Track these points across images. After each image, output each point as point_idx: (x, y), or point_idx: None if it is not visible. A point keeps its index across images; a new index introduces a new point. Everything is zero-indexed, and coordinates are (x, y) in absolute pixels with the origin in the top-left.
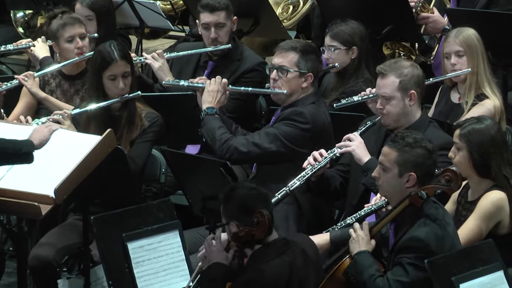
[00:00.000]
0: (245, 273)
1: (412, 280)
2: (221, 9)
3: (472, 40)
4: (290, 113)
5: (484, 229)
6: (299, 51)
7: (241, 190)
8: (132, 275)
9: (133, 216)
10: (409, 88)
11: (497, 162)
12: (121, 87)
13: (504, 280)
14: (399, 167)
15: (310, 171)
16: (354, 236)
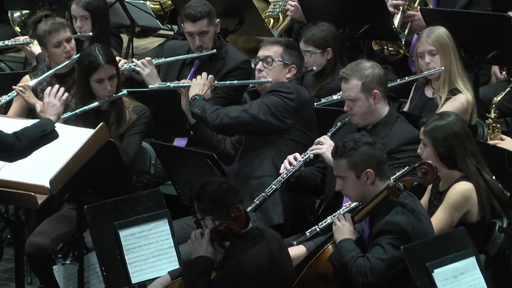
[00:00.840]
0: (225, 264)
1: (390, 257)
2: (203, 17)
3: (443, 38)
4: (275, 85)
5: (453, 219)
6: (283, 45)
7: (211, 185)
8: (124, 261)
9: (124, 205)
10: (372, 88)
11: (462, 154)
12: (108, 89)
13: (476, 265)
14: (354, 170)
15: (285, 175)
16: (339, 224)
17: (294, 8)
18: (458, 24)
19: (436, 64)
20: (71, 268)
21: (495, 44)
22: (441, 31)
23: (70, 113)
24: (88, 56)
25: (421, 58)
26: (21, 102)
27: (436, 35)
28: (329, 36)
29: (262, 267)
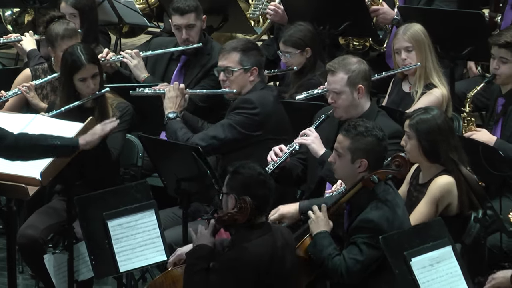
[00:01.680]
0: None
1: (365, 257)
2: (191, 11)
3: (419, 35)
4: (239, 102)
5: (434, 212)
6: (240, 50)
7: (250, 170)
8: (112, 250)
9: (112, 196)
10: (357, 82)
11: (445, 148)
12: (92, 87)
13: (452, 254)
14: (352, 153)
15: (272, 166)
16: (313, 217)
17: (273, 12)
18: (434, 21)
19: (412, 60)
20: (61, 257)
21: (470, 41)
22: (417, 28)
23: (56, 111)
24: (71, 55)
25: (398, 54)
26: (18, 96)
27: (412, 32)
28: (307, 36)
29: (261, 260)
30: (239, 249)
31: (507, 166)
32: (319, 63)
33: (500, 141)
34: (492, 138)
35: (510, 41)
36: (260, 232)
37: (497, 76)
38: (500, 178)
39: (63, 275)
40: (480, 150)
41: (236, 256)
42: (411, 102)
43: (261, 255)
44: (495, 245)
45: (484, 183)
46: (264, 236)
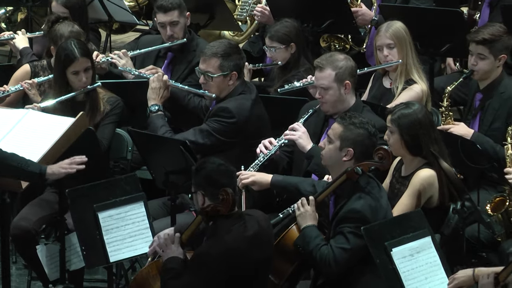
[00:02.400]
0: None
1: (352, 246)
2: (174, 8)
3: (400, 33)
4: (217, 110)
5: (417, 204)
6: (220, 56)
7: (210, 164)
8: (102, 241)
9: (103, 189)
10: (344, 78)
11: (426, 142)
12: (84, 80)
13: (431, 244)
14: (341, 141)
15: (262, 159)
16: (302, 210)
17: (260, 14)
18: (414, 18)
19: (394, 57)
20: (53, 248)
21: (448, 38)
22: (398, 25)
23: (48, 102)
24: (65, 49)
25: (380, 51)
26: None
27: (394, 29)
28: (292, 32)
29: (233, 252)
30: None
31: (485, 159)
32: (303, 59)
33: (477, 134)
34: (470, 131)
35: (488, 38)
36: (235, 221)
37: (475, 72)
38: (478, 171)
39: (55, 265)
40: (459, 144)
41: (206, 251)
42: (392, 98)
43: (232, 246)
44: (473, 235)
45: (463, 175)
46: (236, 226)
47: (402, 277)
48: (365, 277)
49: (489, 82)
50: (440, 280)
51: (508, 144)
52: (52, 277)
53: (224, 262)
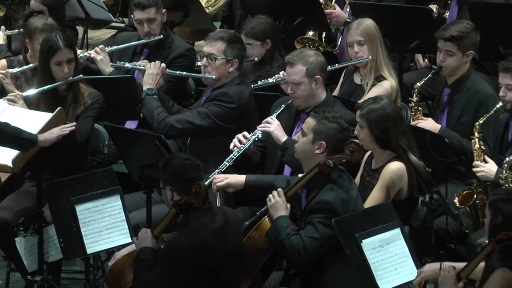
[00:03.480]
0: (173, 237)
1: (321, 235)
2: (151, 6)
3: (371, 30)
4: (218, 94)
5: (387, 197)
6: (226, 41)
7: (176, 159)
8: (80, 233)
9: (80, 182)
10: (315, 74)
11: (395, 135)
12: (66, 71)
13: (400, 236)
14: (314, 134)
15: (237, 153)
16: (273, 202)
17: None
18: (385, 16)
19: (364, 53)
20: (31, 240)
21: (417, 35)
22: (369, 23)
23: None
24: (49, 41)
25: (351, 48)
26: None
27: (365, 26)
28: (267, 28)
29: (204, 241)
30: (179, 237)
31: (452, 153)
32: (277, 55)
33: (444, 129)
34: (437, 126)
35: (455, 34)
36: (199, 215)
37: (443, 68)
38: (446, 164)
39: (33, 257)
40: (427, 138)
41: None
42: (362, 93)
43: (198, 239)
44: (441, 227)
45: (431, 169)
46: (202, 220)
47: (372, 267)
48: (336, 267)
49: (457, 78)
50: (409, 271)
51: (475, 139)
52: (30, 269)
53: (192, 254)
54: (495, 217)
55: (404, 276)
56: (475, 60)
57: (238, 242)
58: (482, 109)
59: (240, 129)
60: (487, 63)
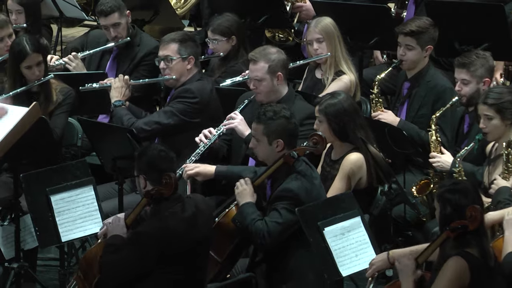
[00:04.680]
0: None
1: (285, 221)
2: (113, 11)
3: (329, 28)
4: (180, 91)
5: (348, 186)
6: (178, 41)
7: (151, 150)
8: (55, 222)
9: (55, 174)
10: (277, 70)
11: (352, 128)
12: (36, 74)
13: (361, 224)
14: (267, 137)
15: (203, 148)
16: (240, 189)
17: None
18: (345, 14)
19: (323, 50)
20: (8, 229)
21: (376, 32)
22: (327, 21)
23: (4, 95)
24: (18, 46)
25: (310, 45)
26: None
27: (323, 25)
28: (233, 25)
29: (166, 231)
30: (149, 223)
31: (410, 144)
32: (242, 51)
33: (403, 121)
34: (396, 119)
35: (415, 29)
36: (169, 204)
37: (403, 62)
38: (404, 155)
39: (10, 245)
40: (386, 131)
41: (143, 230)
42: (323, 88)
43: (166, 227)
44: (399, 215)
45: (390, 159)
46: (173, 209)
47: (334, 254)
48: (299, 254)
49: (416, 72)
50: (369, 257)
51: (432, 131)
52: (7, 256)
53: (159, 240)
54: (444, 209)
55: (364, 262)
56: (431, 57)
57: (208, 230)
58: (440, 101)
59: (206, 122)
60: (443, 59)
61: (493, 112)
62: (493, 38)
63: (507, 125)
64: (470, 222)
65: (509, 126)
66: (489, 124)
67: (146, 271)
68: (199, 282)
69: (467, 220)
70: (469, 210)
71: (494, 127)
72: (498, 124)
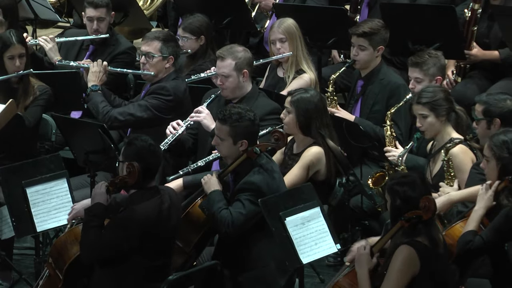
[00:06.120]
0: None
1: (248, 212)
2: (103, 6)
3: (291, 28)
4: (156, 88)
5: (306, 175)
6: (162, 40)
7: (142, 142)
8: (30, 213)
9: (30, 167)
10: (243, 68)
11: (317, 125)
12: (18, 65)
13: (320, 214)
14: (233, 138)
15: (171, 138)
16: (207, 180)
17: None
18: (305, 16)
19: (286, 50)
20: None
21: (334, 32)
22: (290, 22)
23: None
24: (3, 37)
25: (273, 45)
26: None
27: (286, 25)
28: (203, 25)
29: (148, 218)
30: (130, 210)
31: (366, 139)
32: (209, 51)
33: (358, 119)
34: (351, 117)
35: (367, 31)
36: (150, 195)
37: (356, 61)
38: (360, 149)
39: None
40: (344, 125)
41: (126, 216)
42: (284, 86)
43: (148, 215)
44: (357, 206)
45: (347, 153)
46: (153, 199)
47: (295, 243)
48: (262, 242)
49: (370, 71)
50: (328, 245)
51: (387, 126)
52: None
53: (140, 227)
54: (394, 201)
55: (323, 250)
56: (384, 57)
57: (178, 221)
58: (394, 97)
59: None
60: (396, 59)
61: (427, 111)
62: (445, 38)
63: (442, 121)
64: (424, 212)
65: (444, 122)
66: (424, 123)
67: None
68: (166, 269)
69: (421, 210)
70: (423, 201)
71: (430, 124)
72: (433, 122)
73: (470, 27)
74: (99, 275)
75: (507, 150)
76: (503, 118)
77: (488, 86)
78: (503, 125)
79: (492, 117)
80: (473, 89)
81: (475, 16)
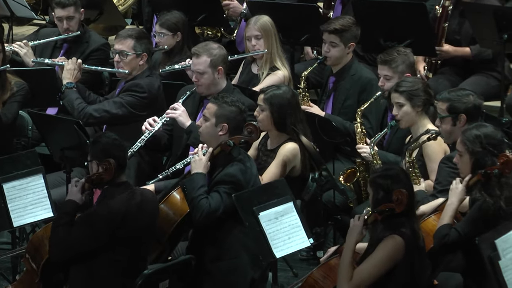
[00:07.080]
0: (93, 206)
1: (225, 203)
2: (70, 5)
3: (267, 25)
4: (130, 85)
5: (283, 172)
6: (135, 38)
7: (106, 138)
8: (7, 208)
9: (6, 163)
10: (218, 64)
11: (292, 121)
12: None
13: (293, 209)
14: (216, 118)
15: (148, 135)
16: (197, 158)
17: None
18: (278, 13)
19: (261, 46)
20: None
21: (307, 29)
22: (265, 19)
23: None
24: None
25: (249, 41)
26: None
27: (261, 22)
28: (179, 22)
29: (116, 213)
30: (100, 205)
31: (338, 134)
32: (185, 48)
33: (328, 115)
34: (322, 113)
35: (338, 28)
36: (121, 190)
37: (328, 58)
38: (333, 145)
39: None
40: (316, 121)
41: (93, 212)
42: (258, 82)
43: (116, 210)
44: (329, 200)
45: (320, 148)
46: (123, 194)
47: (268, 237)
48: (235, 236)
49: (341, 67)
50: (301, 240)
51: (357, 123)
52: None
53: (109, 222)
54: (376, 193)
55: (296, 245)
56: (357, 54)
57: (153, 220)
58: (366, 92)
59: (151, 116)
60: (368, 56)
61: (404, 99)
62: (416, 34)
63: (418, 112)
64: (397, 205)
65: (420, 113)
66: (400, 111)
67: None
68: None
69: (394, 203)
70: (396, 194)
71: (405, 113)
72: (408, 111)
73: (441, 24)
74: (74, 271)
75: (480, 144)
76: (468, 113)
77: (459, 82)
78: (468, 120)
79: (458, 114)
80: (445, 84)
81: (446, 12)
